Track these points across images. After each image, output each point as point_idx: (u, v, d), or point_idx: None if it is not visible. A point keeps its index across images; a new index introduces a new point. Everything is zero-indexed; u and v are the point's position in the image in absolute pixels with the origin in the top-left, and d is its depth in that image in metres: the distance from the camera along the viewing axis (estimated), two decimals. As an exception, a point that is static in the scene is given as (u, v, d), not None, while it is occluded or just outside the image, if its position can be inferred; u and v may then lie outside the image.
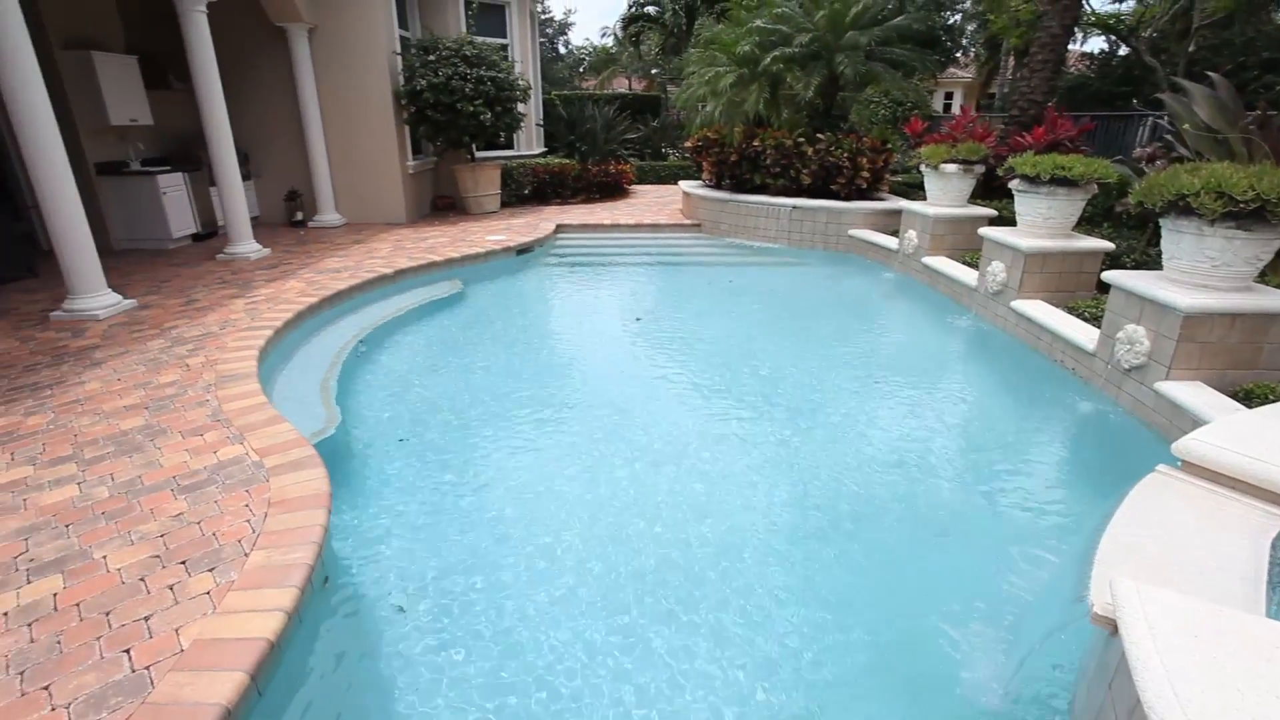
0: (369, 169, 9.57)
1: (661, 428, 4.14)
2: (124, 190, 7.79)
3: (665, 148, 16.11)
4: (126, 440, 3.37)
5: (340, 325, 5.61)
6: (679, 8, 17.98)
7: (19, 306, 5.69)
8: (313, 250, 7.87)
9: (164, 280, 6.53)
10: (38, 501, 2.85)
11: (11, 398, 3.88)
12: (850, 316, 6.64)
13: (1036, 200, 5.40)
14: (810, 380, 4.89)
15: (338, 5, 8.85)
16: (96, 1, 7.74)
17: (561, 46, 35.17)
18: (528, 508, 3.30)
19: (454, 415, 4.30)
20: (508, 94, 9.64)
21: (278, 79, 9.12)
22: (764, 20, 8.99)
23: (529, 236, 8.53)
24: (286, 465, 3.04)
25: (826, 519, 3.20)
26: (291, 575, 2.31)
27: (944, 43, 19.35)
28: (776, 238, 8.97)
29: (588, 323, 6.72)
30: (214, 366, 4.29)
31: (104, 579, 2.36)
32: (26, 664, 1.99)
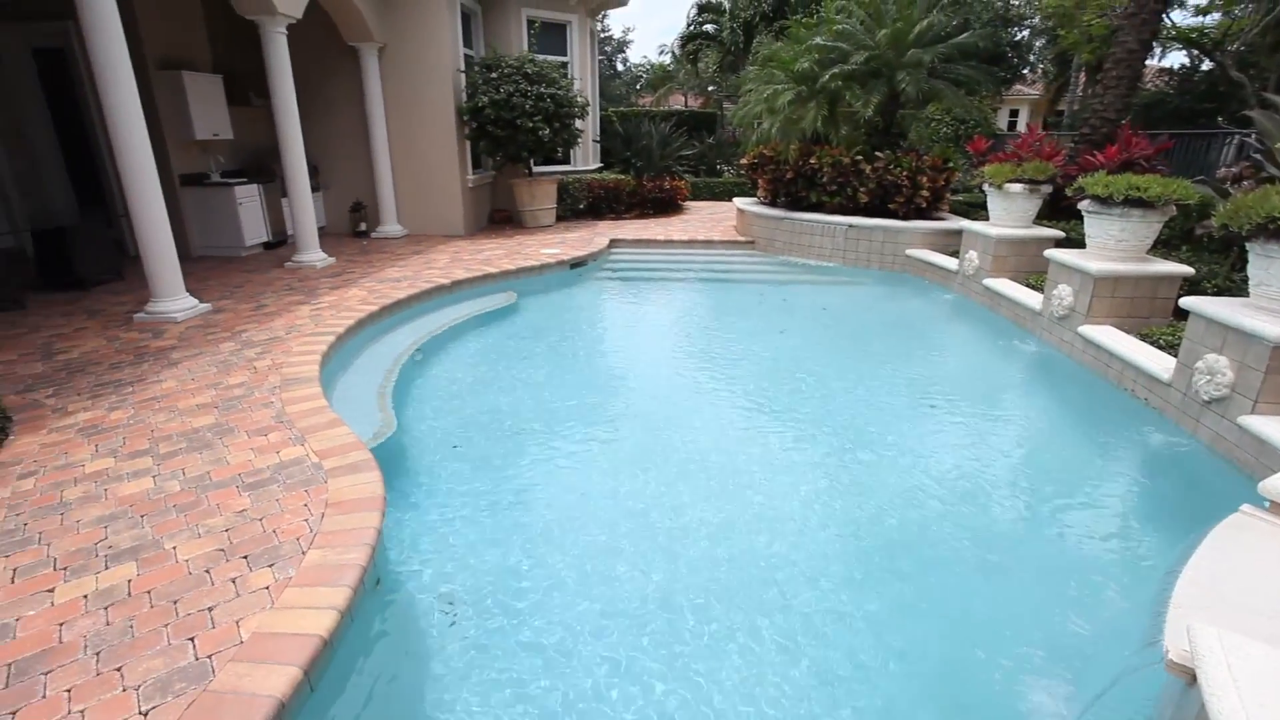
0: (430, 182, 9.88)
1: (710, 446, 4.11)
2: (204, 200, 8.25)
3: (720, 164, 16.12)
4: (197, 437, 3.54)
5: (398, 333, 5.78)
6: (737, 26, 18.02)
7: (107, 308, 6.06)
8: (374, 260, 8.15)
9: (236, 286, 6.86)
10: (117, 492, 3.01)
11: (98, 393, 4.12)
12: (906, 338, 6.48)
13: (1108, 222, 5.18)
14: (862, 402, 4.78)
15: (407, 26, 9.21)
16: (189, 25, 8.27)
17: (619, 64, 35.69)
18: (574, 520, 3.32)
19: (505, 425, 4.36)
20: (566, 110, 9.83)
21: (347, 95, 9.54)
22: (823, 38, 8.94)
23: (583, 251, 8.64)
24: (344, 468, 3.14)
25: (876, 547, 3.11)
26: (345, 575, 2.37)
27: (1010, 59, 18.85)
28: (831, 256, 8.85)
29: (638, 337, 6.75)
30: (279, 370, 4.47)
31: (173, 569, 2.47)
32: (103, 645, 2.10)
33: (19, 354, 4.83)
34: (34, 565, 2.50)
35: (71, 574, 2.44)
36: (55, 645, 2.10)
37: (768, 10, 16.93)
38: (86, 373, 4.46)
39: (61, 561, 2.52)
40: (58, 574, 2.45)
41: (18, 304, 6.03)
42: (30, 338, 5.21)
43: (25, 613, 2.25)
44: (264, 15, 6.92)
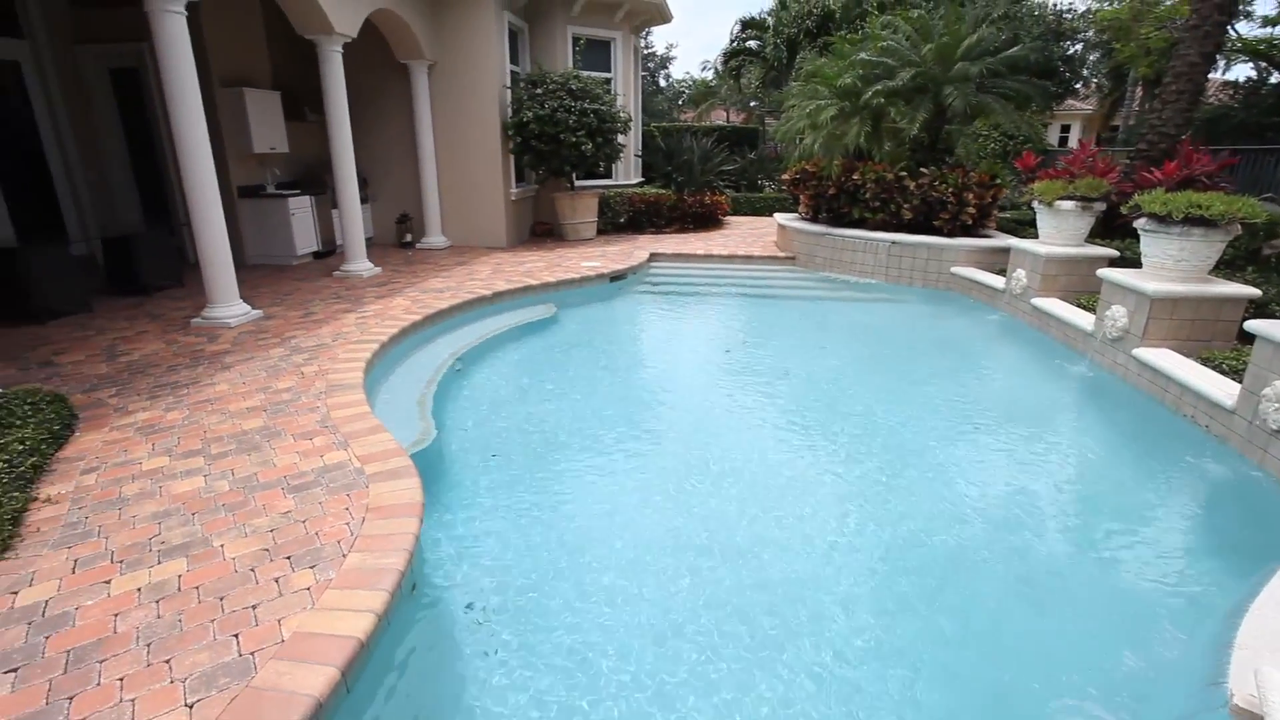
0: (474, 195, 10.09)
1: (745, 463, 4.07)
2: (259, 211, 8.58)
3: (762, 180, 16.09)
4: (246, 439, 3.65)
5: (440, 342, 5.89)
6: (781, 42, 18.01)
7: (167, 312, 6.33)
8: (419, 270, 8.34)
9: (286, 294, 7.10)
10: (170, 489, 3.12)
11: (156, 394, 4.30)
12: (950, 357, 6.33)
13: (1166, 241, 5.00)
14: (904, 423, 4.68)
15: (456, 44, 9.47)
16: (252, 45, 8.65)
17: (662, 80, 36.01)
18: (608, 532, 3.32)
19: (542, 436, 4.40)
20: (609, 126, 9.95)
21: (397, 111, 9.83)
22: (868, 54, 8.88)
23: (623, 264, 8.70)
24: (385, 473, 3.20)
25: (917, 575, 3.02)
26: (383, 579, 2.41)
27: (1062, 73, 18.40)
28: (873, 273, 8.73)
29: (676, 352, 6.75)
30: (325, 376, 4.59)
31: (221, 566, 2.55)
32: (153, 638, 2.17)
33: (86, 355, 5.08)
34: (93, 557, 2.60)
35: (127, 567, 2.54)
36: (110, 635, 2.19)
37: (812, 27, 16.89)
38: (146, 374, 4.66)
39: (118, 555, 2.62)
40: (114, 566, 2.55)
41: (86, 307, 6.34)
42: (96, 340, 5.47)
43: (84, 602, 2.34)
44: (322, 35, 7.20)
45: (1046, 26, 17.36)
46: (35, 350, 5.18)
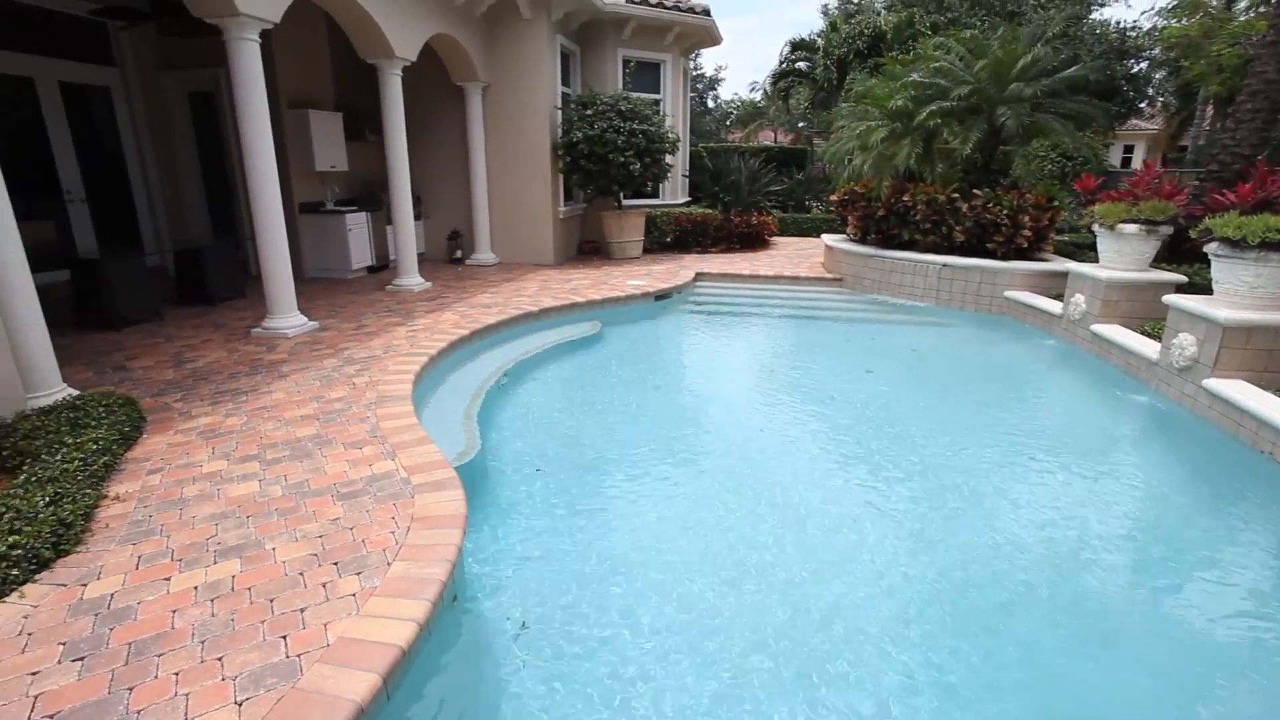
0: (524, 213, 10.29)
1: (788, 488, 4.01)
2: (318, 226, 8.92)
3: (809, 200, 15.98)
4: (299, 446, 3.77)
5: (487, 357, 5.99)
6: (830, 63, 17.95)
7: (230, 322, 6.62)
8: (468, 286, 8.53)
9: (341, 306, 7.34)
10: (228, 492, 3.25)
11: (217, 400, 4.49)
12: (1003, 384, 6.13)
13: (1240, 267, 4.76)
14: (953, 451, 4.54)
15: (510, 66, 9.74)
16: (317, 69, 9.06)
17: (710, 101, 36.25)
18: (646, 552, 3.30)
19: (585, 452, 4.42)
20: (657, 146, 10.06)
21: (451, 130, 10.13)
22: (920, 74, 8.77)
23: (668, 283, 8.73)
24: (430, 485, 3.26)
25: (966, 610, 2.91)
26: (426, 589, 2.45)
27: (1125, 92, 17.81)
28: (923, 296, 8.55)
29: (720, 372, 6.71)
30: (376, 387, 4.72)
31: (272, 569, 2.63)
32: (207, 635, 2.25)
33: (155, 361, 5.34)
34: (155, 555, 2.72)
35: (185, 566, 2.64)
36: (168, 630, 2.27)
37: (862, 48, 16.81)
38: (209, 380, 4.87)
39: (178, 553, 2.73)
40: (174, 564, 2.65)
41: (157, 315, 6.68)
42: (165, 346, 5.75)
43: (146, 598, 2.45)
44: (383, 59, 7.50)
45: (1108, 45, 16.87)
46: (110, 355, 5.47)
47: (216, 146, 9.17)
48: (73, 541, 2.75)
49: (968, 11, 17.30)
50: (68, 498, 2.92)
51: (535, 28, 9.52)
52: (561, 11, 9.74)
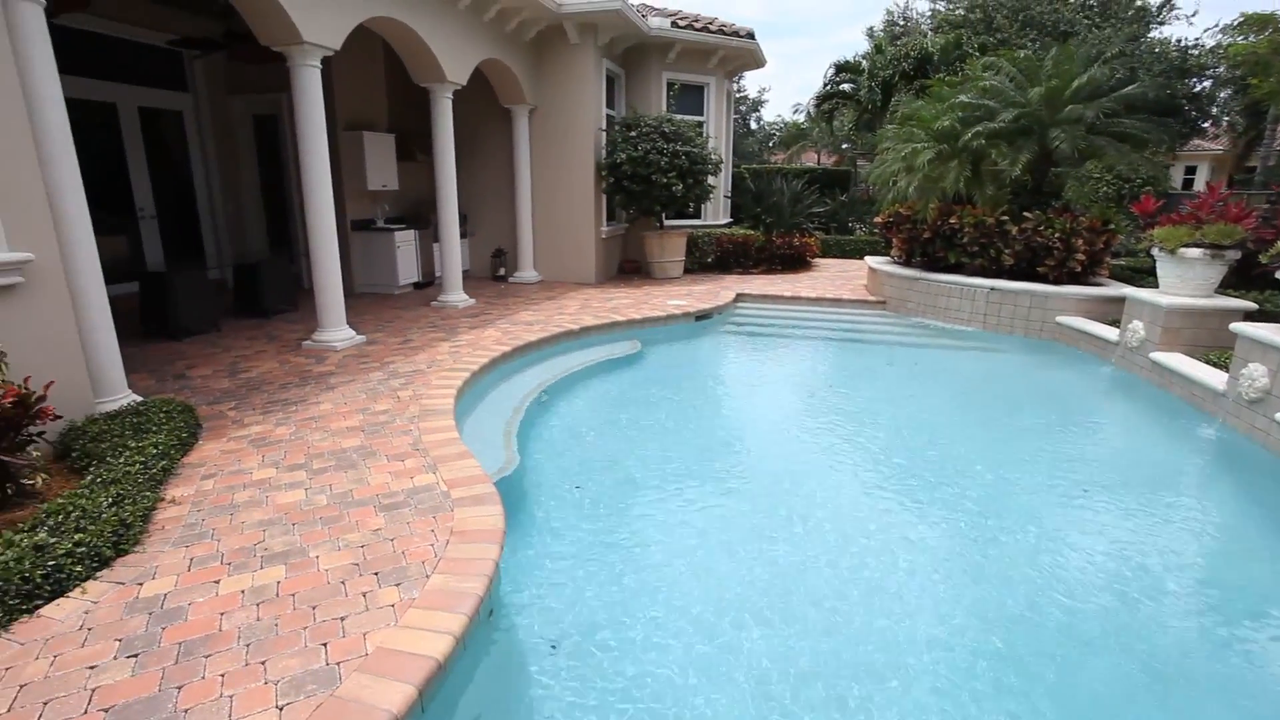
0: (567, 232, 10.45)
1: (828, 514, 3.94)
2: (368, 244, 9.21)
3: (853, 222, 15.83)
4: (344, 457, 3.87)
5: (527, 374, 6.06)
6: (875, 85, 17.82)
7: (282, 334, 6.86)
8: (510, 303, 8.67)
9: (387, 321, 7.54)
10: (275, 500, 3.34)
11: (268, 409, 4.64)
12: (1055, 412, 5.92)
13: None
14: (1002, 481, 4.40)
15: (556, 89, 9.96)
16: (373, 92, 9.42)
17: (753, 122, 36.34)
18: (683, 573, 3.27)
19: (622, 471, 4.42)
20: (700, 167, 10.12)
21: (497, 151, 10.39)
22: (968, 95, 8.65)
23: (709, 303, 8.72)
24: (469, 499, 3.30)
25: (1014, 653, 2.78)
26: (463, 603, 2.47)
27: (1187, 112, 17.20)
28: (970, 320, 8.35)
29: (760, 393, 6.66)
30: (419, 400, 4.82)
31: (315, 576, 2.69)
32: (253, 639, 2.31)
33: (212, 370, 5.56)
34: (206, 557, 2.81)
35: (234, 569, 2.73)
36: (216, 632, 2.34)
37: (908, 70, 16.66)
38: (261, 390, 5.04)
39: (228, 557, 2.82)
40: (224, 568, 2.74)
41: (216, 327, 6.97)
42: (222, 356, 5.99)
43: (196, 599, 2.53)
44: (436, 83, 7.76)
45: (1169, 63, 16.35)
46: (172, 364, 5.72)
47: (276, 167, 9.59)
48: (131, 542, 2.86)
49: (1017, 32, 17.03)
50: (129, 499, 3.04)
51: (582, 52, 9.73)
52: (608, 36, 9.94)
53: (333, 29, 5.92)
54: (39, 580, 2.47)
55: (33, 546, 2.58)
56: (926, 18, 23.52)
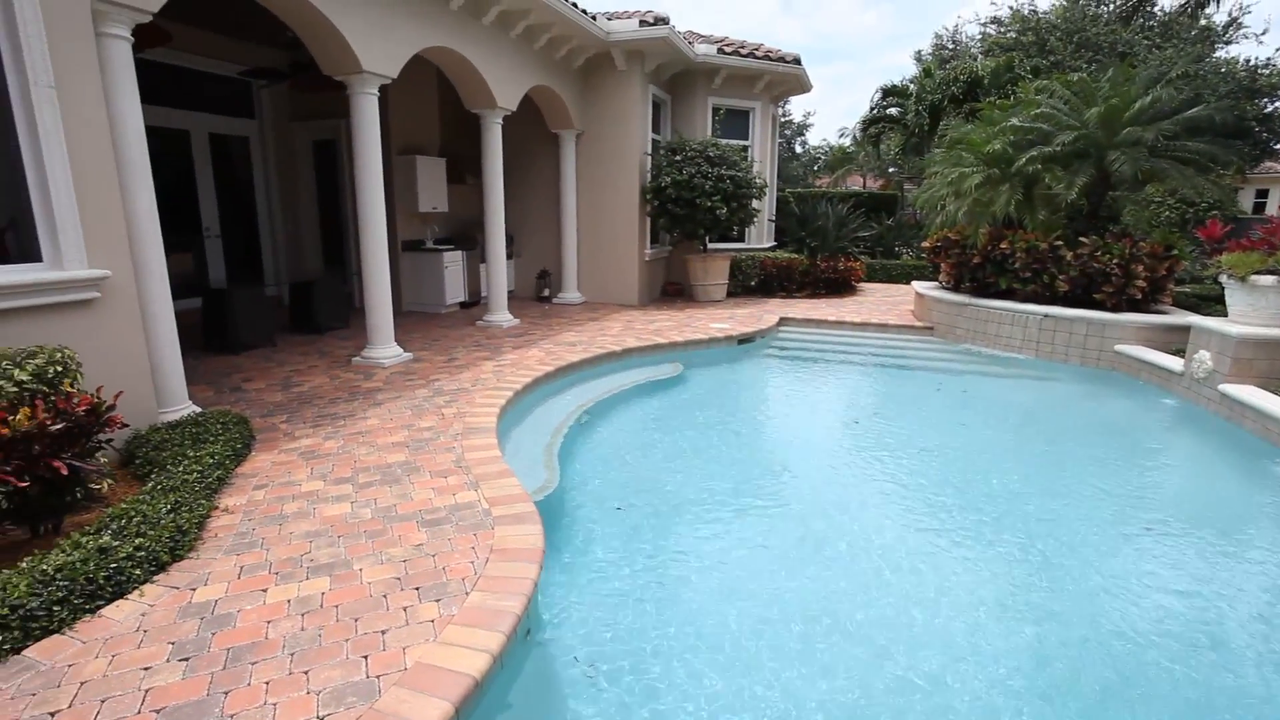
0: (611, 255, 10.56)
1: (871, 544, 3.83)
2: (418, 264, 9.47)
3: (899, 247, 15.59)
4: (389, 472, 3.94)
5: (569, 394, 6.11)
6: (923, 109, 17.64)
7: (334, 350, 7.07)
8: (554, 324, 8.77)
9: (434, 339, 7.71)
10: (322, 512, 3.42)
11: (318, 423, 4.78)
12: (1114, 445, 5.66)
13: (1399, 327, 4.25)
14: (1056, 516, 4.21)
15: (603, 115, 10.14)
16: (426, 118, 9.76)
17: (798, 146, 36.31)
18: (723, 602, 3.22)
19: (662, 494, 4.39)
20: (745, 191, 10.14)
21: (543, 174, 10.61)
22: (1020, 119, 8.48)
23: (751, 327, 8.68)
24: (510, 517, 3.32)
25: (1065, 695, 2.65)
26: (501, 621, 2.48)
27: (1257, 134, 16.50)
28: (1022, 348, 8.09)
29: (803, 418, 6.56)
30: (463, 418, 4.89)
31: (358, 589, 2.73)
32: (296, 648, 2.36)
33: (266, 384, 5.76)
34: (255, 566, 2.89)
35: (281, 579, 2.79)
36: (262, 640, 2.40)
37: (957, 93, 16.46)
38: (312, 404, 5.20)
39: (275, 566, 2.89)
40: (271, 577, 2.81)
41: (271, 342, 7.23)
42: (276, 371, 6.20)
43: (244, 606, 2.60)
44: (487, 109, 8.00)
45: (1236, 84, 15.77)
46: (229, 377, 5.95)
47: (333, 189, 9.98)
48: (187, 548, 2.96)
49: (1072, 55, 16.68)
50: (186, 507, 3.16)
51: (629, 78, 9.91)
52: (654, 63, 10.10)
53: (390, 58, 6.17)
54: (102, 581, 2.58)
55: (97, 549, 2.69)
56: (976, 41, 23.28)
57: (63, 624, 2.42)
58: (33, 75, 3.53)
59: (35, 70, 3.53)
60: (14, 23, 3.46)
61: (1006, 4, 24.28)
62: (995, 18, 22.12)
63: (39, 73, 3.55)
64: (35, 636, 2.35)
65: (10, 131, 3.57)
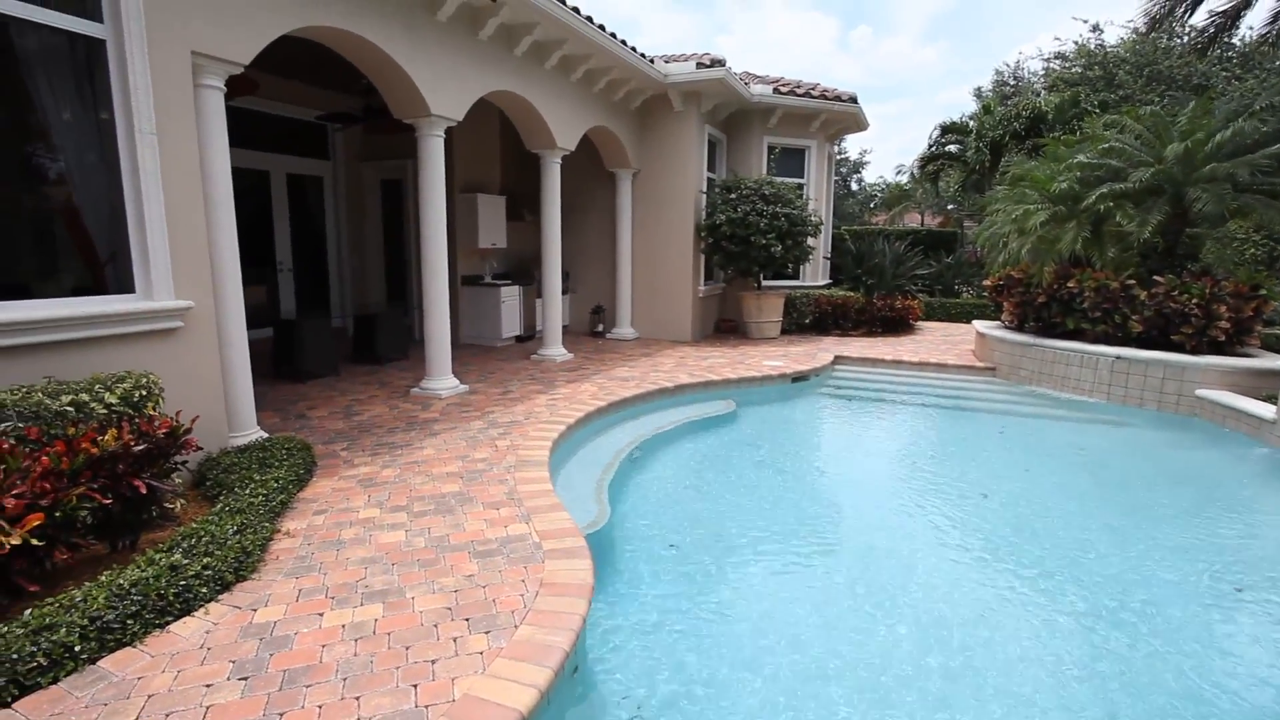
0: (665, 291, 10.64)
1: (933, 597, 3.66)
2: (476, 298, 9.75)
3: (959, 285, 15.22)
4: (443, 502, 4.01)
5: (621, 429, 6.11)
6: (983, 145, 17.36)
7: (393, 381, 7.30)
8: (607, 359, 8.85)
9: (489, 372, 7.87)
10: (378, 539, 3.50)
11: (376, 452, 4.91)
12: (1197, 496, 5.30)
13: None
14: (1132, 570, 3.95)
15: (659, 154, 10.34)
16: (488, 159, 10.15)
17: (854, 183, 36.11)
18: (774, 647, 3.12)
19: (713, 534, 4.33)
20: (800, 229, 10.11)
21: (599, 212, 10.83)
22: (1088, 155, 8.25)
23: (806, 365, 8.56)
24: (560, 551, 3.32)
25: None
26: (550, 656, 2.46)
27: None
28: (1092, 391, 7.71)
29: (860, 460, 6.39)
30: (516, 451, 4.95)
31: (410, 617, 2.76)
32: (349, 673, 2.39)
33: (329, 412, 5.97)
34: (313, 590, 2.96)
35: (337, 604, 2.85)
36: (317, 664, 2.44)
37: (1020, 129, 16.15)
38: (371, 433, 5.35)
39: (332, 591, 2.96)
40: (327, 601, 2.87)
41: (335, 371, 7.52)
42: (339, 399, 6.43)
43: (301, 629, 2.66)
44: (546, 149, 8.26)
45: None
46: (294, 404, 6.20)
47: (397, 225, 10.43)
48: (249, 569, 3.06)
49: (1142, 88, 16.19)
50: (250, 529, 3.28)
51: (685, 118, 10.10)
52: (711, 103, 10.28)
53: (457, 102, 6.47)
54: (171, 598, 2.68)
55: (169, 566, 2.81)
56: (1039, 77, 22.86)
57: (134, 637, 2.53)
58: (137, 123, 3.84)
59: (140, 118, 3.85)
60: (126, 76, 3.79)
61: (1071, 39, 23.85)
62: (1059, 53, 21.72)
63: (143, 120, 3.86)
64: (110, 648, 2.45)
65: (116, 174, 3.88)
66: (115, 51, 3.79)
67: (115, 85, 3.81)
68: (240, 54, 4.44)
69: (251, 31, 4.49)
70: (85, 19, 3.72)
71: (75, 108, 3.85)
